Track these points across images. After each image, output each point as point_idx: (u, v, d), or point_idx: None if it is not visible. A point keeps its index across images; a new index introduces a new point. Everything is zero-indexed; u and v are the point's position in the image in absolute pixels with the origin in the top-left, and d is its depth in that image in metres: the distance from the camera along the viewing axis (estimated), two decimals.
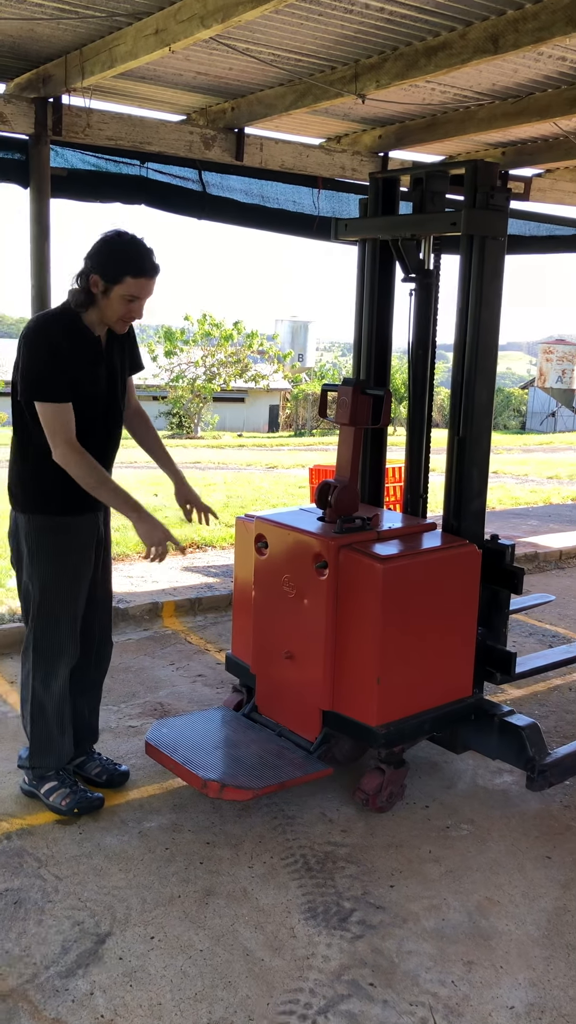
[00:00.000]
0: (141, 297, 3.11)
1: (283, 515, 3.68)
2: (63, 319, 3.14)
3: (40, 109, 4.98)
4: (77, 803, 3.31)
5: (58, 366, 3.05)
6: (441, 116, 5.88)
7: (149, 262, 3.08)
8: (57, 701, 3.32)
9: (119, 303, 3.09)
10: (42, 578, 3.23)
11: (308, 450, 21.88)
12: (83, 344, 3.14)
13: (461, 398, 3.55)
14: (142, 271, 3.06)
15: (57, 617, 3.26)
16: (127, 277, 3.04)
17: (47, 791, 3.34)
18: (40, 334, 3.10)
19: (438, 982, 2.57)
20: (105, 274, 3.05)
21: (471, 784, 3.67)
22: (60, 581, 3.24)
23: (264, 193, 6.06)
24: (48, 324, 3.13)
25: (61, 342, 3.08)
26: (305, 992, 2.51)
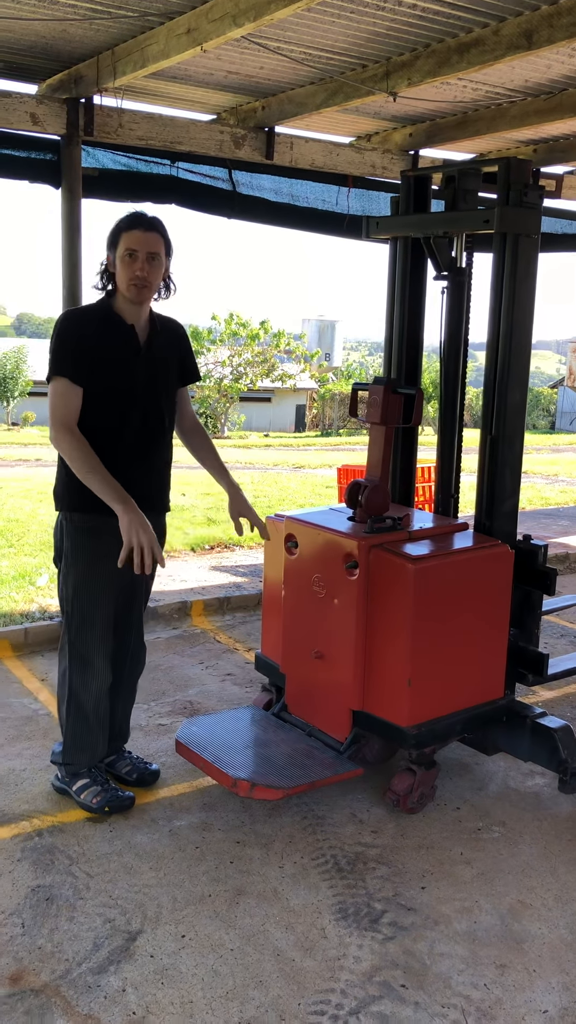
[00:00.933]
0: (139, 250, 3.07)
1: (313, 515, 3.67)
2: (94, 308, 3.20)
3: (72, 109, 5.01)
4: (108, 801, 3.32)
5: (75, 347, 3.07)
6: (472, 113, 5.85)
7: (140, 216, 3.12)
8: (94, 699, 3.32)
9: (123, 266, 3.09)
10: (76, 578, 3.24)
11: (335, 450, 21.85)
12: (114, 332, 3.15)
13: (493, 398, 3.52)
14: (132, 224, 3.10)
15: (93, 617, 3.26)
16: (122, 234, 3.10)
17: (78, 788, 3.36)
18: (67, 319, 3.18)
19: (470, 985, 2.55)
20: (109, 245, 3.13)
21: (502, 786, 3.65)
22: (95, 582, 3.23)
23: (294, 192, 6.05)
24: (77, 311, 3.23)
25: (87, 328, 3.12)
26: (336, 993, 2.50)
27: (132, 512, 3.00)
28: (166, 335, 3.30)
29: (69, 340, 3.09)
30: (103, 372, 3.10)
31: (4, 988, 2.46)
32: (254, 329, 32.26)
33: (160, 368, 3.26)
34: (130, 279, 3.10)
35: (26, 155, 5.04)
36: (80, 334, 3.10)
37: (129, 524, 2.98)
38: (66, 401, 3.06)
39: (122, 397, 3.15)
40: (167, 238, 3.16)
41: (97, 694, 3.32)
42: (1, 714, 4.16)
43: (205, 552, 7.18)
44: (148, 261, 3.09)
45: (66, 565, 3.26)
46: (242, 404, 34.46)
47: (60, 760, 3.41)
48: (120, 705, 3.52)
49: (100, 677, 3.32)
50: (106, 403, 3.11)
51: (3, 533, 7.72)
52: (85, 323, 3.14)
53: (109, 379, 3.11)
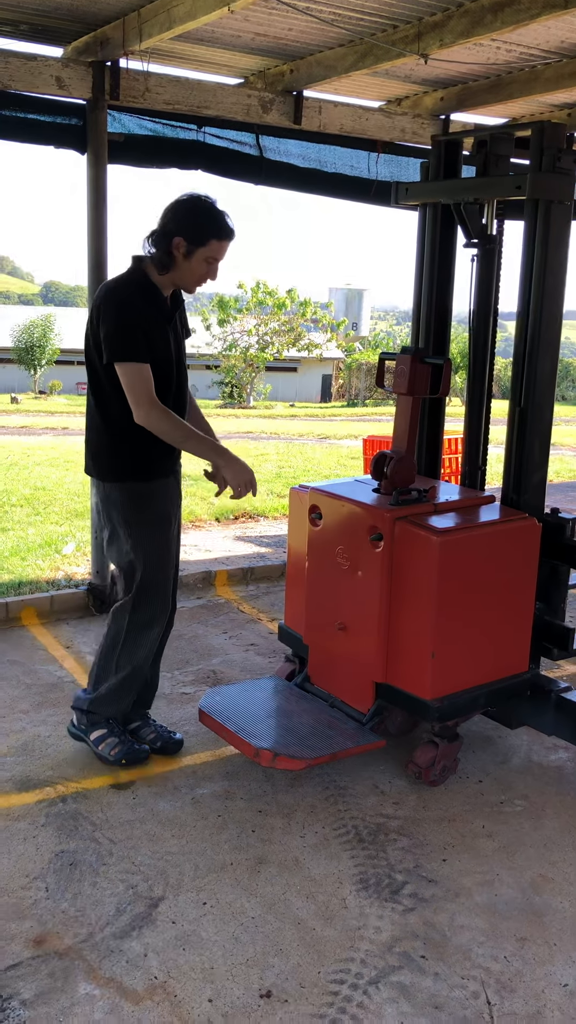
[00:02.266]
0: (219, 259, 3.18)
1: (338, 486, 3.64)
2: (138, 281, 3.18)
3: (98, 73, 4.93)
4: (125, 754, 3.41)
5: (138, 326, 3.10)
6: (506, 76, 5.70)
7: (230, 226, 3.17)
8: (142, 663, 3.42)
9: (200, 265, 3.15)
10: (146, 547, 3.28)
11: (361, 420, 21.75)
12: (156, 305, 3.19)
13: (523, 368, 3.47)
14: (226, 234, 3.15)
15: (158, 581, 3.34)
16: (211, 240, 3.12)
17: (97, 738, 3.44)
18: (119, 296, 3.15)
19: (490, 957, 2.56)
20: (190, 237, 3.10)
21: (525, 760, 3.63)
22: (162, 547, 3.32)
23: (322, 157, 5.94)
24: (125, 286, 3.17)
25: (138, 302, 3.13)
26: (356, 962, 2.51)
27: (234, 460, 3.22)
28: (176, 299, 3.34)
29: (129, 322, 3.10)
30: (155, 345, 3.15)
31: (29, 950, 2.50)
32: (281, 298, 32.04)
33: (181, 330, 3.36)
34: (199, 280, 3.20)
35: (51, 120, 4.98)
36: (134, 314, 3.11)
37: (235, 474, 3.20)
38: (145, 379, 3.10)
39: (166, 365, 3.22)
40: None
41: (147, 656, 3.44)
42: (27, 680, 4.20)
43: (230, 522, 7.18)
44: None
45: (128, 535, 3.28)
46: (268, 374, 34.35)
47: (85, 707, 3.47)
48: (153, 667, 3.59)
49: (154, 640, 3.43)
50: (159, 373, 3.17)
51: (30, 501, 7.77)
52: (140, 302, 3.14)
53: (157, 350, 3.16)
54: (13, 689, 4.11)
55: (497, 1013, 2.36)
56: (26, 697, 4.03)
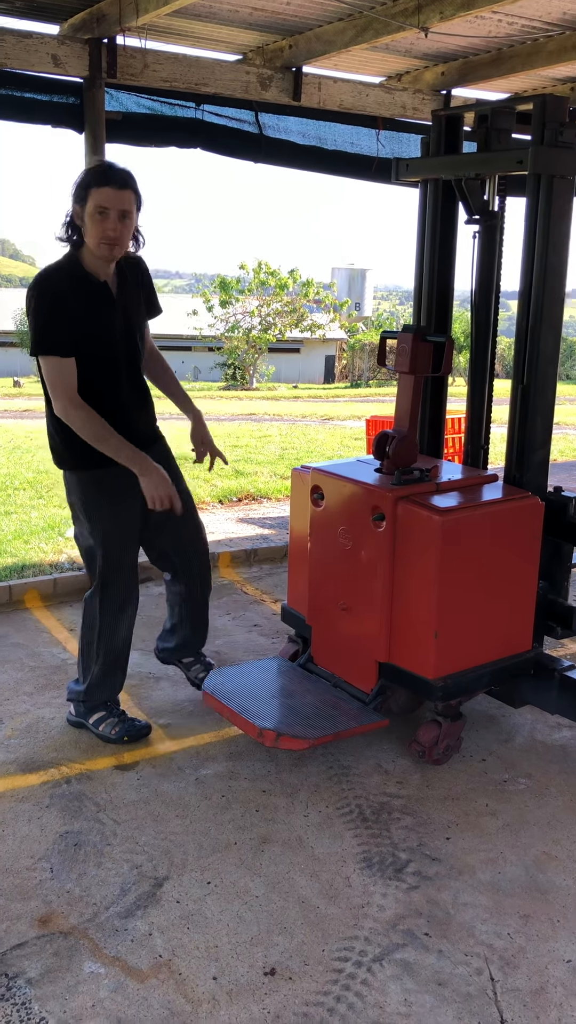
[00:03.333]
0: (110, 208, 2.99)
1: (340, 466, 3.63)
2: (65, 268, 3.11)
3: (94, 50, 4.89)
4: (125, 731, 3.45)
5: (60, 318, 3.03)
6: (507, 50, 5.64)
7: (111, 172, 3.02)
8: (120, 645, 3.45)
9: (93, 223, 3.01)
10: (104, 531, 3.28)
11: (364, 401, 21.70)
12: (89, 291, 3.12)
13: (526, 345, 3.44)
14: (104, 180, 3.00)
15: (122, 563, 3.35)
16: (91, 188, 2.99)
17: (95, 721, 3.48)
18: (41, 286, 3.08)
19: (494, 934, 2.57)
20: (78, 198, 3.03)
21: (529, 738, 3.64)
22: (121, 530, 3.31)
23: (322, 134, 5.90)
24: (50, 275, 3.10)
25: (64, 292, 3.06)
26: (360, 940, 2.52)
27: (151, 471, 3.14)
28: (132, 278, 3.27)
29: (52, 315, 3.04)
30: (86, 334, 3.09)
31: (34, 930, 2.52)
32: (283, 278, 31.85)
33: (132, 313, 3.27)
34: (100, 238, 3.03)
35: (48, 98, 4.94)
36: (58, 306, 3.04)
37: (150, 484, 3.13)
38: (64, 375, 3.06)
39: (106, 351, 3.16)
40: (139, 193, 3.08)
41: (124, 637, 3.46)
42: (30, 663, 4.21)
43: (233, 504, 7.18)
44: (120, 220, 3.02)
45: (87, 521, 3.31)
46: (271, 355, 34.22)
47: (78, 698, 3.52)
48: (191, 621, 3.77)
49: (129, 621, 3.46)
50: (94, 361, 3.13)
51: (32, 484, 7.76)
52: (60, 290, 3.07)
53: (93, 340, 3.11)
54: (17, 672, 4.11)
55: (500, 989, 2.37)
56: (30, 680, 4.04)
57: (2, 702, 3.81)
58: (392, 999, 2.32)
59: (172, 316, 3.92)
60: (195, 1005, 2.28)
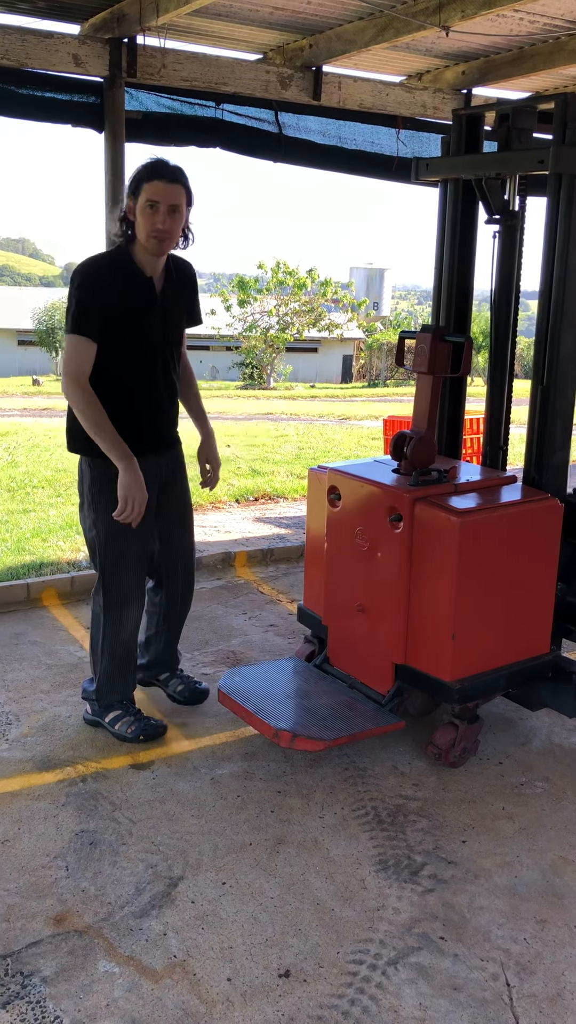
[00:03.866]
0: (161, 201, 3.05)
1: (357, 466, 3.62)
2: (112, 259, 3.17)
3: (115, 50, 4.90)
4: (142, 730, 3.45)
5: (93, 305, 3.07)
6: (528, 49, 5.60)
7: (163, 166, 3.08)
8: (126, 642, 3.45)
9: (143, 217, 3.08)
10: (108, 523, 3.27)
11: (382, 401, 21.65)
12: (133, 285, 3.16)
13: (546, 346, 3.41)
14: (156, 174, 3.06)
15: (126, 560, 3.34)
16: (143, 183, 3.05)
17: (112, 720, 3.48)
18: (84, 270, 3.14)
19: (510, 939, 2.55)
20: (130, 192, 3.09)
21: (546, 742, 3.61)
22: (126, 529, 3.26)
23: (341, 134, 5.88)
24: (95, 261, 3.17)
25: (107, 279, 3.11)
26: (375, 943, 2.51)
27: (133, 473, 3.12)
28: (179, 280, 3.32)
29: (85, 298, 3.09)
30: (122, 325, 3.13)
31: (49, 929, 2.52)
32: (301, 278, 31.83)
33: (173, 316, 3.31)
34: (150, 231, 3.09)
35: (68, 98, 4.96)
36: (96, 290, 3.09)
37: (128, 483, 3.11)
38: (79, 357, 3.09)
39: (139, 347, 3.20)
40: (189, 188, 3.14)
41: (131, 635, 3.46)
42: (47, 661, 4.22)
43: (249, 503, 7.17)
44: (169, 213, 3.07)
45: (93, 510, 3.31)
46: (288, 354, 34.21)
47: (91, 696, 3.54)
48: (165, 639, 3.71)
49: (134, 618, 3.46)
50: (125, 354, 3.16)
51: (51, 483, 7.79)
52: (102, 277, 3.12)
53: (127, 332, 3.15)
54: (34, 669, 4.13)
55: (516, 995, 2.35)
56: (47, 677, 4.05)
57: (19, 700, 3.82)
58: (407, 1003, 2.31)
59: None
60: (209, 1006, 2.28)
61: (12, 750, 3.42)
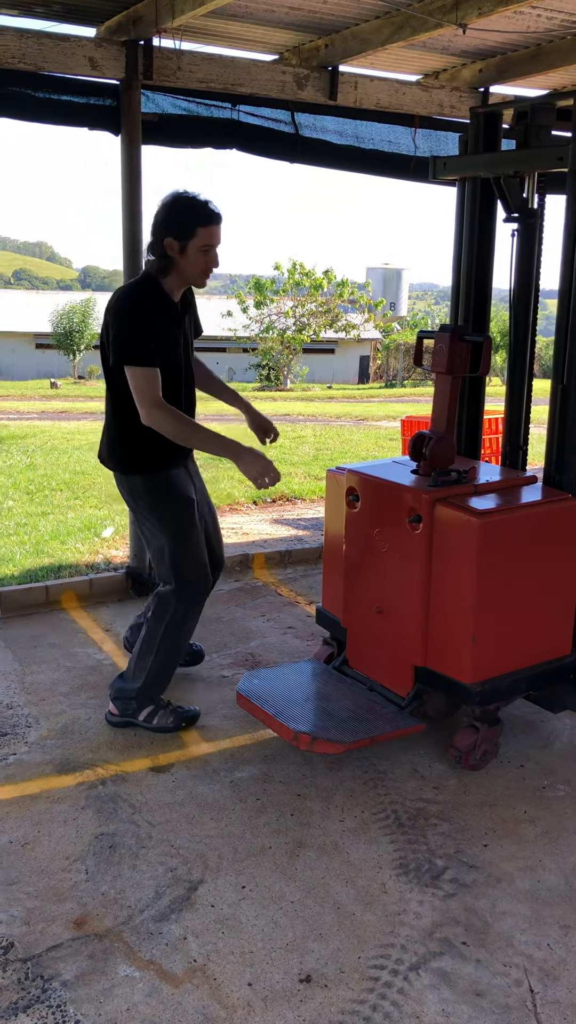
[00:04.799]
0: (214, 244, 3.25)
1: (375, 467, 3.60)
2: (148, 286, 3.30)
3: (131, 52, 4.89)
4: (182, 718, 3.57)
5: (147, 332, 3.21)
6: (547, 45, 5.55)
7: (213, 210, 3.24)
8: (184, 643, 3.57)
9: (197, 256, 3.24)
10: (173, 528, 3.39)
11: (399, 401, 21.60)
12: (166, 310, 3.30)
13: (566, 345, 3.38)
14: (211, 219, 3.22)
15: (195, 561, 3.43)
16: (198, 228, 3.21)
17: (147, 716, 3.54)
18: (129, 301, 3.29)
19: (533, 944, 2.52)
20: (178, 234, 3.20)
21: (568, 744, 3.58)
22: (190, 526, 3.40)
23: (358, 133, 5.85)
24: (136, 291, 3.32)
25: (149, 308, 3.25)
26: (396, 948, 2.49)
27: (244, 453, 3.21)
28: (187, 299, 3.48)
29: (141, 329, 3.21)
30: (164, 351, 3.27)
31: (69, 932, 2.52)
32: (318, 279, 31.78)
33: (188, 332, 3.48)
34: (203, 272, 3.28)
35: (85, 101, 4.95)
36: (145, 321, 3.22)
37: (249, 465, 3.20)
38: (152, 383, 3.21)
39: (174, 369, 3.35)
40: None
41: (190, 633, 3.57)
42: (67, 663, 4.22)
43: (267, 505, 7.16)
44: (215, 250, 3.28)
45: (158, 522, 3.41)
46: (305, 356, 34.16)
47: (128, 695, 3.54)
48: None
49: (196, 618, 3.55)
50: (168, 377, 3.30)
51: (69, 485, 7.82)
52: (147, 307, 3.25)
53: (165, 353, 3.28)
54: (53, 672, 4.13)
55: (540, 1001, 2.32)
56: (66, 680, 4.05)
57: (38, 702, 3.83)
58: (429, 1009, 2.29)
59: (207, 317, 3.94)
60: (230, 1011, 2.26)
61: (32, 753, 3.43)
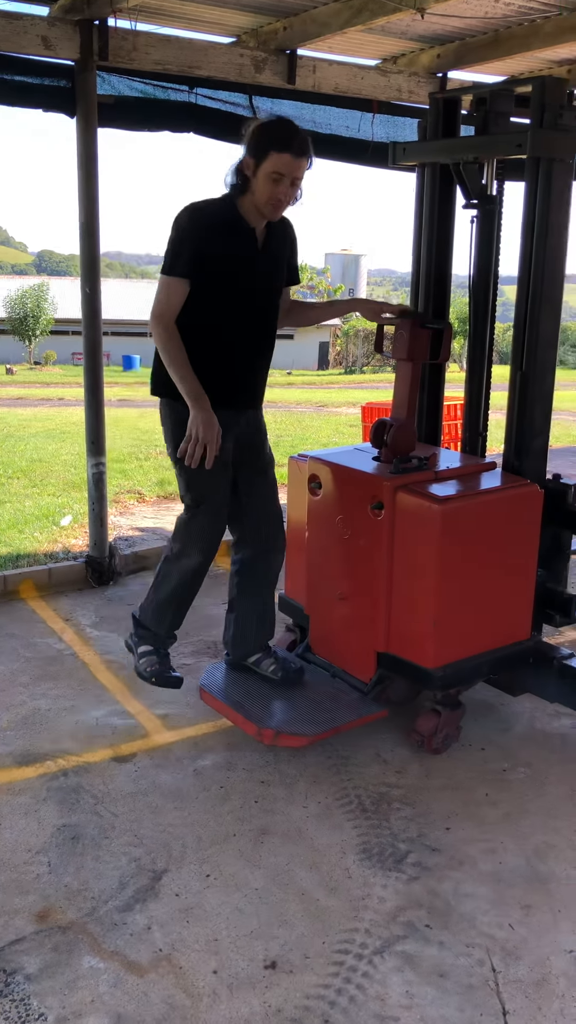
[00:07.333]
0: (286, 175, 3.02)
1: (337, 454, 3.60)
2: (219, 207, 3.12)
3: (85, 32, 4.80)
4: (156, 674, 3.40)
5: (192, 244, 3.04)
6: (504, 31, 5.56)
7: (295, 140, 3.02)
8: (195, 581, 3.37)
9: (264, 182, 3.03)
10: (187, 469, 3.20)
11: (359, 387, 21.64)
12: (236, 233, 3.13)
13: (524, 331, 3.40)
14: (285, 146, 3.00)
15: (208, 508, 3.26)
16: (271, 151, 3.00)
17: (141, 653, 3.44)
18: (190, 212, 3.09)
19: (495, 925, 2.55)
20: (253, 152, 3.03)
21: (528, 727, 3.62)
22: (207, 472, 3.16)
23: (316, 118, 5.81)
24: (202, 205, 3.12)
25: (210, 222, 3.08)
26: (361, 932, 2.51)
27: (203, 409, 3.06)
28: (281, 235, 3.28)
29: (187, 240, 3.05)
30: (222, 273, 3.10)
31: (32, 925, 2.50)
32: None
33: (273, 269, 3.27)
34: (270, 198, 3.06)
35: (39, 81, 4.85)
36: (199, 236, 3.06)
37: (196, 418, 3.04)
38: (168, 297, 3.07)
39: (239, 298, 3.16)
40: (312, 157, 3.10)
41: (194, 582, 3.39)
42: (26, 654, 4.18)
43: None
44: (291, 185, 3.06)
45: (173, 456, 3.27)
46: None
47: (136, 615, 3.49)
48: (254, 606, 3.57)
49: (193, 559, 3.34)
50: (224, 303, 3.13)
51: (27, 473, 7.72)
52: (206, 223, 3.08)
53: (228, 280, 3.12)
54: (12, 663, 4.08)
55: (502, 981, 2.36)
56: (25, 670, 4.01)
57: None
58: (393, 991, 2.31)
59: None
60: (195, 999, 2.26)
61: None
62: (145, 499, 6.86)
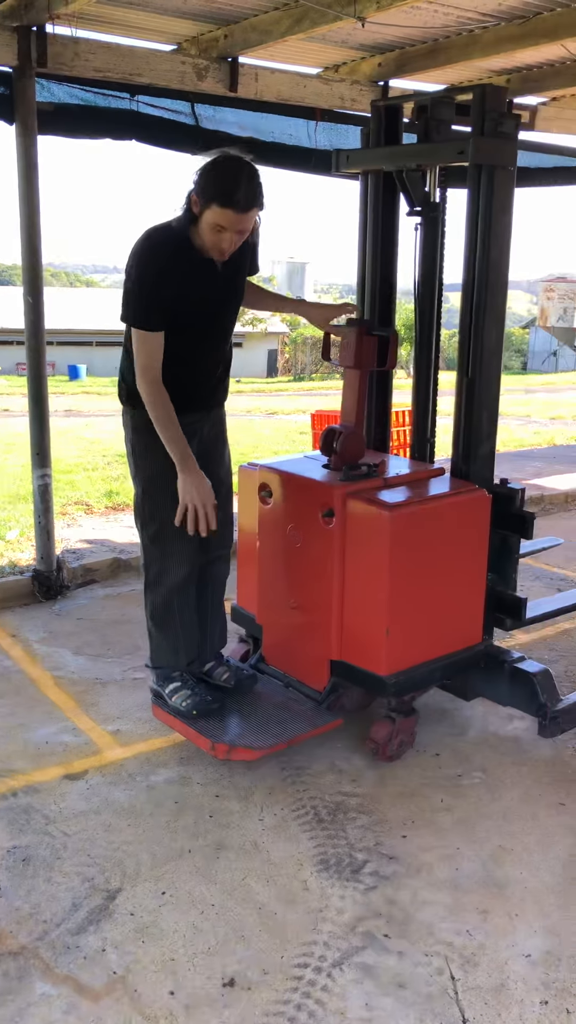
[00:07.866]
0: (228, 229, 2.94)
1: (287, 463, 3.58)
2: (175, 234, 3.02)
3: (23, 39, 4.73)
4: (195, 706, 3.31)
5: (157, 290, 2.97)
6: (444, 41, 5.62)
7: (240, 193, 2.89)
8: (179, 598, 3.33)
9: (208, 230, 2.96)
10: (146, 473, 3.22)
11: (308, 395, 21.70)
12: (191, 264, 3.05)
13: (470, 338, 3.42)
14: (228, 201, 2.89)
15: (167, 516, 3.18)
16: (213, 204, 2.90)
17: (170, 692, 3.37)
18: (145, 252, 3.00)
19: (453, 932, 2.55)
20: (199, 194, 2.94)
21: (482, 731, 3.63)
22: (166, 476, 3.12)
23: (259, 127, 5.80)
24: (157, 241, 3.02)
25: (163, 266, 3.00)
26: (319, 945, 2.48)
27: (192, 472, 3.05)
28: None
29: (147, 288, 2.98)
30: (182, 311, 3.05)
31: None
32: None
33: (234, 282, 3.23)
34: (213, 247, 3.01)
35: None
36: (157, 282, 2.98)
37: (186, 484, 3.04)
38: (152, 353, 3.02)
39: (203, 323, 3.15)
40: (263, 205, 3.00)
41: (182, 592, 3.33)
42: None
43: None
44: (236, 234, 2.99)
45: (133, 462, 3.26)
46: None
47: (151, 664, 3.46)
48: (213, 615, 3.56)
49: (175, 575, 3.30)
50: (187, 330, 3.10)
51: None
52: (161, 267, 2.99)
53: (190, 311, 3.08)
54: None
55: (461, 988, 2.35)
56: None
57: None
58: (353, 1004, 2.29)
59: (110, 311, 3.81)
60: (152, 1022, 2.21)
61: None
62: (93, 510, 6.77)
